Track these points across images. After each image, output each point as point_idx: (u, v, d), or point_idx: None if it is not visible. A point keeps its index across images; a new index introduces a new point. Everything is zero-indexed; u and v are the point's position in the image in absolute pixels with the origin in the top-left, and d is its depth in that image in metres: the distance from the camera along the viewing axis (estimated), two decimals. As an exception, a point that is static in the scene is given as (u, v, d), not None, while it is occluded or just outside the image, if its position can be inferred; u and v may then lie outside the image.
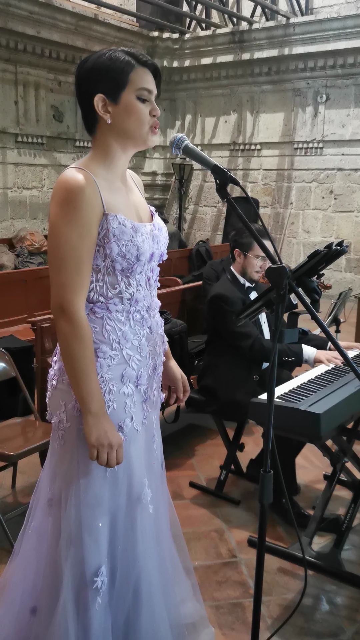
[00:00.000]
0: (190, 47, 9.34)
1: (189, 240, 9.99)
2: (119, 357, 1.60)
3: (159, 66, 1.60)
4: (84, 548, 1.59)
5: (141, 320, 1.64)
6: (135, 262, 1.57)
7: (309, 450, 3.19)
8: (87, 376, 1.50)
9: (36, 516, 1.73)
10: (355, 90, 8.23)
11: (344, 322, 3.53)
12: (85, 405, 1.51)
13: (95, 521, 1.60)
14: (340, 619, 2.26)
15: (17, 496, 3.09)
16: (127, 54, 1.54)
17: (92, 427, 1.51)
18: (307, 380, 2.45)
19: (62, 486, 1.64)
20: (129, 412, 1.62)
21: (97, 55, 1.55)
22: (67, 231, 1.48)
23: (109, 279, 1.57)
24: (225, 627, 2.19)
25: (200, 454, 3.62)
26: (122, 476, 1.62)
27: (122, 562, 1.65)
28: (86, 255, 1.51)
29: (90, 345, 1.52)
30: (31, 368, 3.30)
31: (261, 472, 1.56)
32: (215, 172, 1.55)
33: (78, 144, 8.94)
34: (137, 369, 1.64)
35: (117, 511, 1.63)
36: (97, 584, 1.59)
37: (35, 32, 7.68)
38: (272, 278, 1.48)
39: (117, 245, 1.53)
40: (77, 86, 1.58)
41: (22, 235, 7.75)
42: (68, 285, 1.49)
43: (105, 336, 1.58)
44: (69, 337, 1.50)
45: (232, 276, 3.17)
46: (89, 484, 1.59)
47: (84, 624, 1.60)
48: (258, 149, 9.26)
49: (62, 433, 1.63)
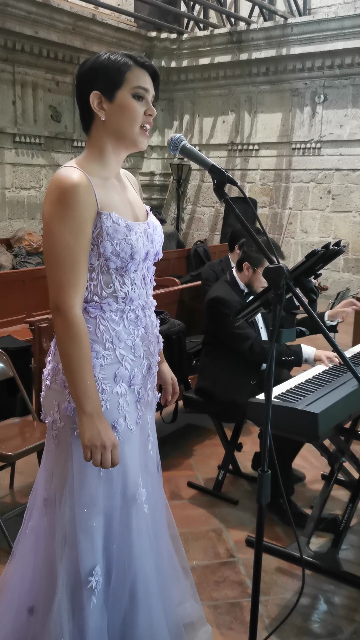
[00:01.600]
0: (188, 48, 9.34)
1: (187, 240, 9.99)
2: (111, 357, 1.60)
3: (157, 69, 1.61)
4: (78, 548, 1.59)
5: (136, 320, 1.64)
6: (129, 261, 1.57)
7: (307, 450, 3.19)
8: (82, 376, 1.50)
9: (33, 516, 1.73)
10: (353, 90, 8.23)
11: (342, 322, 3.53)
12: (79, 405, 1.51)
13: (90, 521, 1.60)
14: (338, 618, 2.26)
15: (15, 496, 3.09)
16: (125, 56, 1.56)
17: (85, 427, 1.51)
18: (304, 380, 2.45)
19: (57, 486, 1.64)
20: (122, 411, 1.62)
21: (96, 56, 1.58)
22: (61, 230, 1.47)
23: (103, 278, 1.57)
24: (223, 626, 2.19)
25: (198, 454, 3.62)
26: (116, 476, 1.62)
27: (118, 562, 1.65)
28: (81, 254, 1.51)
29: (86, 345, 1.51)
30: (29, 368, 3.30)
31: (259, 472, 1.56)
32: (213, 172, 1.55)
33: (76, 144, 8.93)
34: (131, 369, 1.63)
35: (112, 511, 1.63)
36: (91, 584, 1.59)
37: (33, 32, 7.67)
38: (270, 278, 1.48)
39: (111, 244, 1.53)
40: (76, 85, 1.60)
41: (20, 236, 7.74)
42: (64, 284, 1.49)
43: (99, 336, 1.58)
44: (64, 336, 1.50)
45: (232, 279, 3.14)
46: (83, 483, 1.59)
47: (79, 624, 1.60)
48: (256, 149, 9.27)
49: (56, 433, 1.63)
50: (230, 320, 2.92)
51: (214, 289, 3.19)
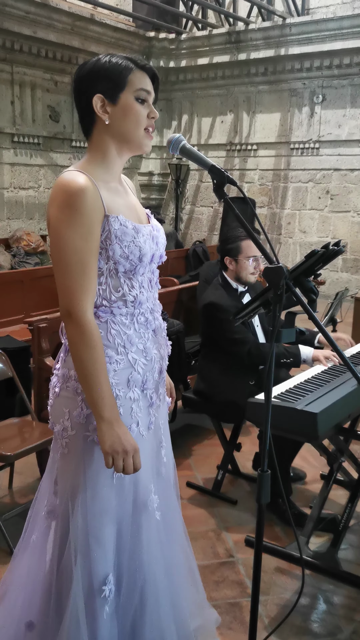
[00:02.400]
0: (186, 48, 9.34)
1: (185, 240, 9.99)
2: (124, 362, 1.58)
3: (156, 71, 1.61)
4: (92, 557, 1.56)
5: (145, 323, 1.63)
6: (137, 264, 1.55)
7: (306, 450, 3.19)
8: (98, 382, 1.47)
9: (35, 529, 1.70)
10: (351, 90, 8.24)
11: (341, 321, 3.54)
12: (97, 411, 1.48)
13: (103, 529, 1.57)
14: (338, 618, 2.26)
15: (14, 497, 3.09)
16: (125, 58, 1.55)
17: (105, 434, 1.48)
18: (303, 380, 2.45)
19: (67, 496, 1.60)
20: (135, 417, 1.60)
21: (96, 58, 1.56)
22: (70, 234, 1.45)
23: (112, 282, 1.55)
24: (223, 626, 2.19)
25: (197, 454, 3.62)
26: (128, 482, 1.59)
27: (128, 570, 1.62)
28: (91, 258, 1.49)
29: (100, 350, 1.49)
30: (28, 368, 3.30)
31: (258, 472, 1.56)
32: (212, 172, 1.55)
33: (74, 144, 8.93)
34: (143, 373, 1.61)
35: (123, 518, 1.61)
36: (105, 593, 1.57)
37: (31, 32, 7.67)
38: (269, 278, 1.48)
39: (120, 247, 1.52)
40: (75, 88, 1.58)
41: (18, 236, 7.73)
42: (75, 289, 1.47)
43: (111, 340, 1.56)
44: (78, 342, 1.47)
45: (224, 281, 3.12)
46: (96, 492, 1.56)
47: (93, 634, 1.58)
48: (254, 149, 9.27)
49: (67, 441, 1.59)
50: (227, 326, 2.91)
51: (207, 294, 3.15)
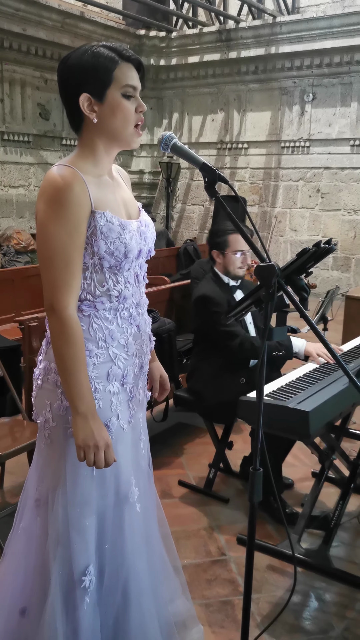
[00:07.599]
0: (177, 46, 9.32)
1: (176, 238, 9.98)
2: (104, 356, 1.59)
3: (141, 60, 1.58)
4: (71, 547, 1.59)
5: (129, 318, 1.64)
6: (123, 260, 1.56)
7: (298, 448, 3.20)
8: (76, 376, 1.49)
9: (24, 517, 1.72)
10: (341, 89, 8.26)
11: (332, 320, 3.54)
12: (73, 405, 1.51)
13: (83, 520, 1.59)
14: (330, 615, 2.27)
15: (6, 496, 3.08)
16: (109, 50, 1.52)
17: (79, 428, 1.50)
18: (295, 378, 2.46)
19: (49, 486, 1.63)
20: (115, 410, 1.62)
21: (79, 52, 1.53)
22: (56, 229, 1.46)
23: (97, 277, 1.56)
24: (215, 625, 2.19)
25: (189, 453, 3.62)
26: (109, 475, 1.62)
27: (110, 561, 1.64)
28: (76, 254, 1.50)
29: (80, 345, 1.50)
30: (19, 367, 3.28)
31: (251, 470, 1.56)
32: (204, 170, 1.55)
33: (65, 142, 8.89)
34: (123, 368, 1.63)
35: (105, 510, 1.63)
36: (85, 583, 1.59)
37: (21, 30, 7.63)
38: (261, 276, 1.48)
39: (105, 243, 1.52)
40: (60, 85, 1.56)
41: (8, 234, 7.70)
42: (58, 284, 1.48)
43: (92, 334, 1.57)
44: (58, 336, 1.49)
45: (215, 275, 3.14)
46: (76, 483, 1.59)
47: (73, 624, 1.60)
48: (245, 147, 9.27)
49: (49, 433, 1.63)
50: (219, 318, 2.92)
51: (199, 287, 3.18)
